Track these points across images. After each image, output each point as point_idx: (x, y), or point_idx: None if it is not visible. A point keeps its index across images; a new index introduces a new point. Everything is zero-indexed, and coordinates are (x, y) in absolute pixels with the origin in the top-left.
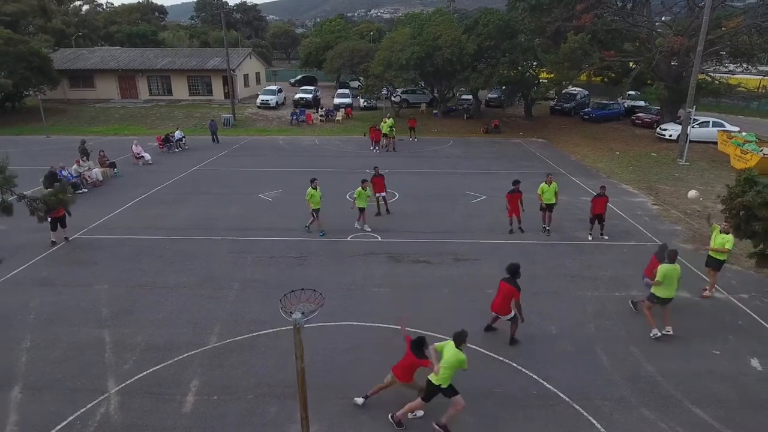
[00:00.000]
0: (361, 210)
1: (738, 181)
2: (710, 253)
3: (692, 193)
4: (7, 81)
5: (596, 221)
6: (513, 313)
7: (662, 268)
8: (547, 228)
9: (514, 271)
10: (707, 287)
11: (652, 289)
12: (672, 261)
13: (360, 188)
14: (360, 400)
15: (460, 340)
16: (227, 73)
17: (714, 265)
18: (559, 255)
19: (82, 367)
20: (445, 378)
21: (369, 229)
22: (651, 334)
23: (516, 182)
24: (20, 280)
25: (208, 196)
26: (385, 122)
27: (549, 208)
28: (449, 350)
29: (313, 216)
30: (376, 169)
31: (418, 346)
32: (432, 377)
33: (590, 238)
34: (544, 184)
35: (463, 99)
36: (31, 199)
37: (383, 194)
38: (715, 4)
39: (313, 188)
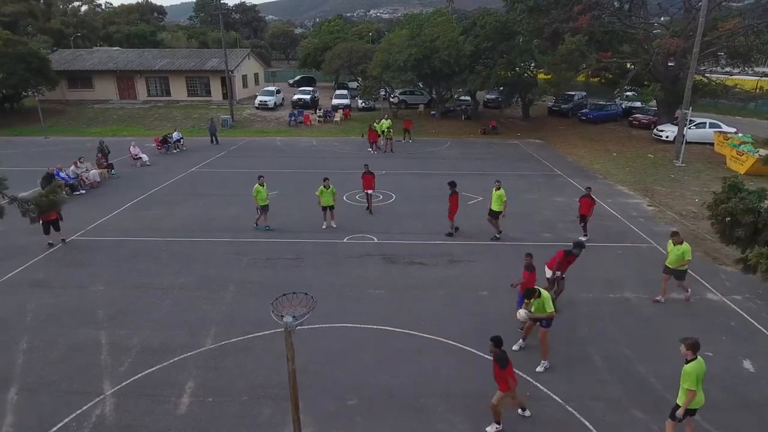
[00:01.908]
0: (324, 209)
1: (723, 188)
2: (668, 265)
3: (521, 314)
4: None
5: (583, 222)
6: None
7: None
8: (497, 235)
9: (579, 246)
10: (686, 294)
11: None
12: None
13: (322, 186)
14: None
15: (696, 347)
16: (226, 74)
17: (679, 275)
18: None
19: (78, 368)
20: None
21: (334, 225)
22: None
23: (452, 184)
24: (17, 281)
25: (205, 197)
26: (378, 123)
27: (492, 214)
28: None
29: (258, 212)
30: (366, 167)
31: (497, 345)
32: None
33: (582, 239)
34: (493, 189)
35: (461, 100)
36: (22, 201)
37: (371, 191)
38: (712, 5)
39: (260, 185)
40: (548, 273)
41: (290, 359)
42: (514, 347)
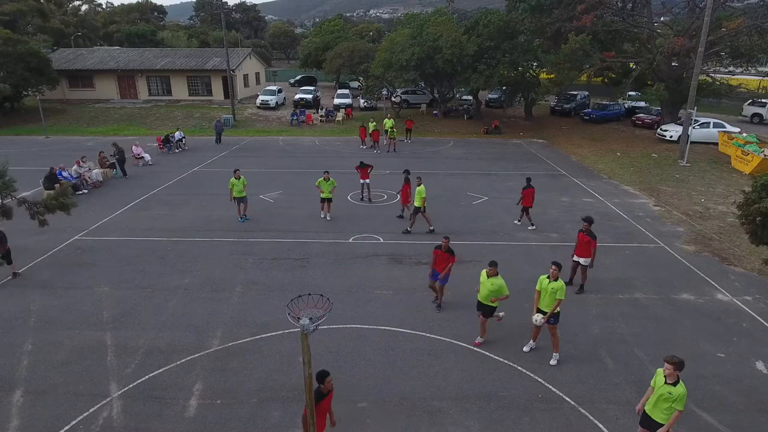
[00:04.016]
0: (323, 201)
1: (754, 188)
2: (480, 300)
3: (537, 319)
4: (5, 86)
5: (525, 213)
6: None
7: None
8: (431, 228)
9: (589, 221)
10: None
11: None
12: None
13: (321, 178)
14: None
15: (683, 366)
16: (227, 74)
17: (487, 312)
18: (562, 256)
19: (83, 370)
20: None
21: (329, 218)
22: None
23: (406, 171)
24: (20, 282)
25: (208, 197)
26: (372, 123)
27: (415, 210)
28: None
29: (236, 204)
30: (361, 162)
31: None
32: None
33: (516, 222)
34: (415, 185)
35: (464, 100)
36: (31, 204)
37: (367, 181)
38: (716, 5)
39: (236, 178)
40: (583, 261)
41: (306, 363)
42: (525, 348)
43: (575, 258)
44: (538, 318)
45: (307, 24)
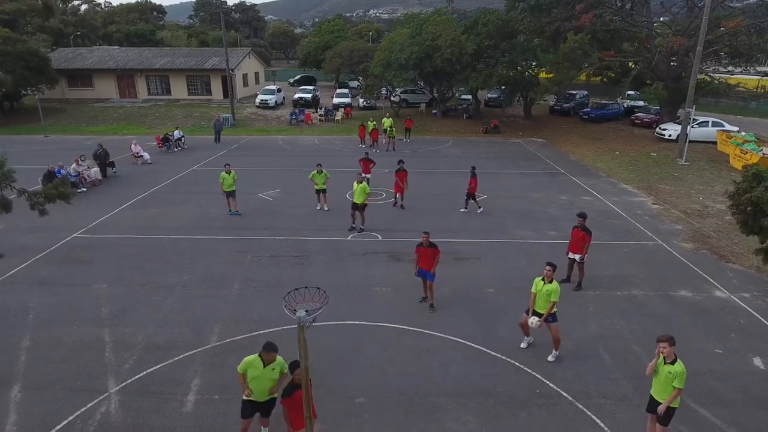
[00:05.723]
0: (318, 193)
1: (745, 177)
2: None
3: (533, 323)
4: (6, 76)
5: (471, 198)
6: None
7: None
8: (362, 228)
9: (584, 217)
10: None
11: None
12: None
13: (315, 171)
14: None
15: (674, 341)
16: (226, 73)
17: (265, 411)
18: (560, 254)
19: (81, 366)
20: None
21: (327, 208)
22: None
23: (401, 161)
24: (19, 279)
25: (207, 195)
26: (372, 122)
27: (356, 207)
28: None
29: (226, 198)
30: (366, 155)
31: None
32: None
33: (462, 210)
34: (355, 182)
35: (463, 99)
36: (31, 194)
37: (368, 176)
38: (715, 4)
39: (226, 172)
40: (576, 257)
41: (303, 356)
42: (522, 344)
43: (570, 255)
44: (534, 321)
45: (306, 24)
